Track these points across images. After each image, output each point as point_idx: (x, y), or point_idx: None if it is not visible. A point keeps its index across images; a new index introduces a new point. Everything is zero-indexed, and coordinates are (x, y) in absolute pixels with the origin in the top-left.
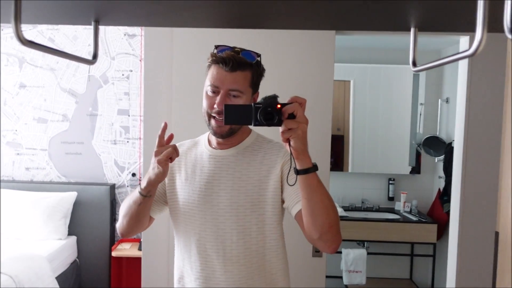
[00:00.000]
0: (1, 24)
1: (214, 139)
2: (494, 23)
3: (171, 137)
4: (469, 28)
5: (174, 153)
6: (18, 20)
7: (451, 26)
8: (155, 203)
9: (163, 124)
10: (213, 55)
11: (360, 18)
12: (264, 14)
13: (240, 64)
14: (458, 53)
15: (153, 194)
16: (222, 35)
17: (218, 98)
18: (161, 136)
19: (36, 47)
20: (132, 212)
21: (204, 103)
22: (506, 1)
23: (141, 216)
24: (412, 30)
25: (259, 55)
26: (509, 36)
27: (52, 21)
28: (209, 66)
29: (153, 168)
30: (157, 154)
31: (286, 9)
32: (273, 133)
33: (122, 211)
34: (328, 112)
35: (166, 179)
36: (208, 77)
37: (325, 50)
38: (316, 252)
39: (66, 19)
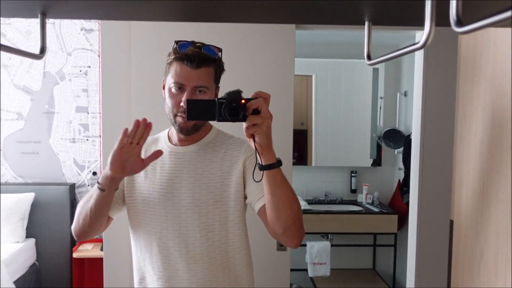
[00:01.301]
0: None
1: (174, 136)
2: (443, 16)
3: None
4: (420, 23)
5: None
6: None
7: (403, 20)
8: (114, 201)
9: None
10: (175, 51)
11: (316, 12)
12: (223, 8)
13: (204, 60)
14: (409, 46)
15: (111, 189)
16: (180, 29)
17: (184, 96)
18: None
19: None
20: (91, 210)
21: (169, 101)
22: None
23: (99, 213)
24: (366, 24)
25: (220, 50)
26: (455, 29)
27: None
28: (171, 63)
29: (115, 161)
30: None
31: (243, 3)
32: (234, 128)
33: (78, 210)
34: (289, 106)
35: (125, 178)
36: (170, 75)
37: (285, 44)
38: (280, 246)
39: (10, 11)
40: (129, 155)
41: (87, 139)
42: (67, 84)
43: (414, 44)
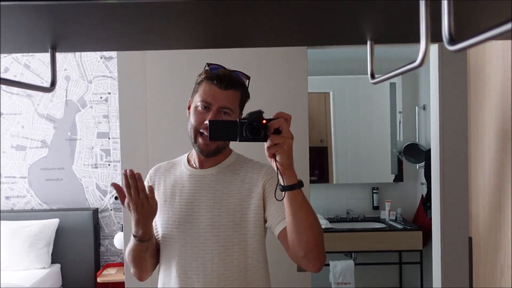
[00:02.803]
0: None
1: (195, 158)
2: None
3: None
4: (418, 39)
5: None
6: None
7: (403, 37)
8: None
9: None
10: (206, 72)
11: (319, 34)
12: (237, 35)
13: (233, 82)
14: (406, 64)
15: (151, 236)
16: (194, 54)
17: (210, 114)
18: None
19: None
20: (142, 259)
21: (193, 119)
22: (443, 13)
23: (153, 257)
24: (368, 43)
25: (248, 77)
26: (448, 48)
27: (10, 50)
28: (200, 83)
29: (134, 210)
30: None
31: (253, 30)
32: (254, 152)
33: (130, 261)
34: (304, 124)
35: None
36: (198, 94)
37: (298, 63)
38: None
39: (21, 46)
40: (142, 206)
41: (109, 164)
42: (88, 111)
43: (411, 63)
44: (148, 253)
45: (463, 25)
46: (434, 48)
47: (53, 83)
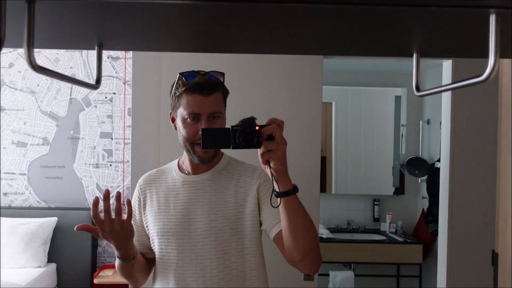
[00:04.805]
0: None
1: (187, 165)
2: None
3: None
4: (479, 54)
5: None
6: (30, 45)
7: (453, 52)
8: (146, 246)
9: (93, 199)
10: (183, 83)
11: (362, 44)
12: (256, 40)
13: (213, 86)
14: (469, 78)
15: (135, 254)
16: (210, 59)
17: (202, 124)
18: (95, 215)
19: (46, 72)
20: (131, 274)
21: (184, 132)
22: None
23: (141, 270)
24: (414, 56)
25: (223, 74)
26: None
27: (57, 46)
28: (181, 96)
29: (110, 238)
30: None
31: (284, 34)
32: (247, 156)
33: (121, 275)
34: (317, 134)
35: (137, 215)
36: (183, 106)
37: (313, 73)
38: (307, 276)
39: (69, 43)
40: (116, 233)
41: (111, 165)
42: (92, 110)
43: (475, 77)
44: (136, 268)
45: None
46: (447, 64)
47: (98, 81)
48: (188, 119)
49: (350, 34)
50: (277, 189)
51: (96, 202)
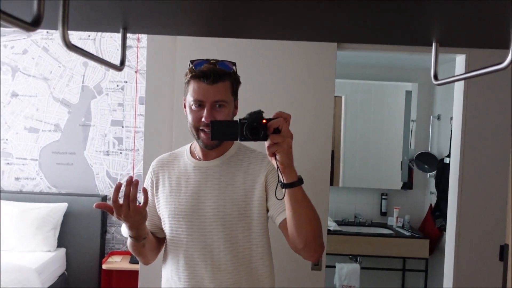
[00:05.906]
0: None
1: (198, 150)
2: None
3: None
4: (497, 45)
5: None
6: (65, 26)
7: (472, 42)
8: (157, 227)
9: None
10: (191, 70)
11: (380, 31)
12: (281, 25)
13: (219, 75)
14: (489, 66)
15: (146, 235)
16: (224, 46)
17: (205, 111)
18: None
19: (78, 51)
20: (141, 252)
21: (190, 118)
22: None
23: (152, 249)
24: (433, 45)
25: (234, 64)
26: None
27: (85, 28)
28: (189, 82)
29: (124, 220)
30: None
31: (300, 20)
32: (255, 146)
33: (132, 252)
34: (328, 128)
35: (150, 197)
36: (189, 93)
37: (326, 65)
38: (315, 266)
39: (94, 26)
40: (130, 216)
41: (121, 152)
42: (104, 98)
43: (496, 64)
44: (147, 247)
45: None
46: (460, 58)
47: (123, 62)
48: (193, 106)
49: (368, 21)
50: (282, 181)
51: (118, 187)
